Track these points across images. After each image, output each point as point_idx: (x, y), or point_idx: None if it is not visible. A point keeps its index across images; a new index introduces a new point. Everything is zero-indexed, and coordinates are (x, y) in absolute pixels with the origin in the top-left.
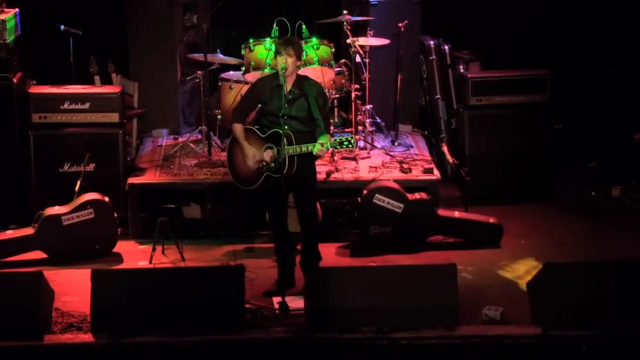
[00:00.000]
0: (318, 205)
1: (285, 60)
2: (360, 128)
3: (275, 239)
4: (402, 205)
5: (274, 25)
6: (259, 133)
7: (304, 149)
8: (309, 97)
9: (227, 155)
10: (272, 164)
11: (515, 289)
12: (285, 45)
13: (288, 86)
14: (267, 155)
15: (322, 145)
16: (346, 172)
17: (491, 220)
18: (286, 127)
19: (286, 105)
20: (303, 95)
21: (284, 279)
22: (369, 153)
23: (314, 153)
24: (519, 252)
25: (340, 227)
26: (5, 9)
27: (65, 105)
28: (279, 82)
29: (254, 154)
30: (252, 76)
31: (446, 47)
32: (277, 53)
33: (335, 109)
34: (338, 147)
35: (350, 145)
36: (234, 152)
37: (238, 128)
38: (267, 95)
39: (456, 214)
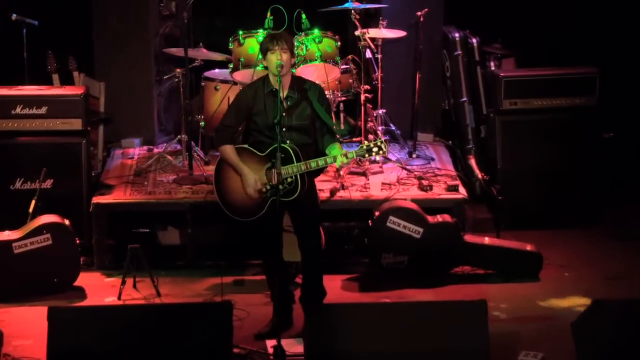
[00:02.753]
0: (320, 230)
1: (281, 57)
2: (371, 137)
3: (269, 270)
4: (421, 230)
5: (268, 14)
6: (256, 152)
7: (321, 162)
8: (313, 102)
9: (215, 183)
10: (280, 187)
11: (557, 330)
12: (277, 40)
13: (284, 90)
14: (272, 176)
15: (345, 156)
16: (354, 190)
17: (528, 247)
18: (287, 140)
19: (284, 114)
20: (304, 99)
21: (280, 318)
22: (381, 167)
23: (337, 166)
24: (562, 287)
25: (347, 256)
26: None
27: (17, 110)
28: (272, 87)
29: (256, 181)
30: (242, 75)
31: (474, 41)
32: (266, 51)
33: (341, 115)
34: (366, 155)
35: (381, 152)
36: (225, 179)
37: (229, 150)
38: (260, 105)
39: (486, 240)
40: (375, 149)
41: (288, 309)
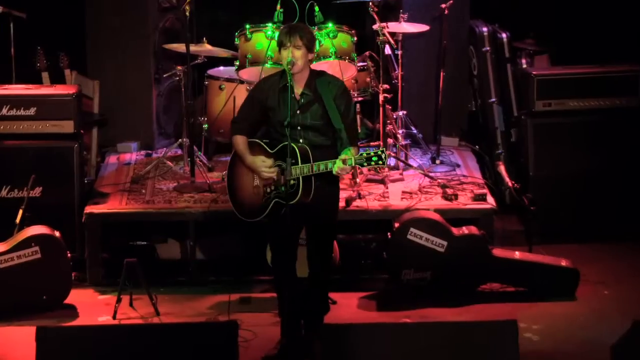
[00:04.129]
0: (334, 243)
1: (292, 54)
2: (390, 141)
3: (279, 286)
4: (445, 243)
5: (278, 6)
6: (266, 148)
7: (322, 167)
8: (326, 100)
9: (227, 177)
10: (282, 188)
11: (595, 354)
12: (291, 34)
13: (299, 87)
14: (277, 175)
15: (343, 162)
16: (372, 199)
17: (563, 263)
18: (301, 140)
19: (297, 111)
20: (318, 98)
21: (290, 340)
22: (401, 174)
23: (334, 172)
24: (601, 306)
25: (364, 271)
26: None
27: (4, 111)
28: (286, 82)
29: (263, 160)
30: (249, 73)
31: (504, 36)
32: (280, 45)
33: (358, 117)
34: (365, 164)
35: (380, 162)
36: (236, 173)
37: (240, 141)
38: (274, 100)
39: (517, 254)
40: (374, 159)
41: (298, 329)
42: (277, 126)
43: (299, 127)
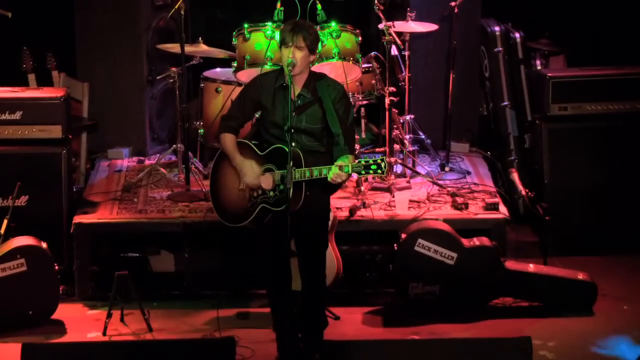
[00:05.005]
0: (338, 255)
1: (293, 54)
2: (396, 147)
3: (273, 300)
4: (455, 255)
5: (278, 4)
6: (256, 149)
7: (316, 173)
8: (325, 103)
9: (210, 178)
10: (271, 193)
11: None
12: (294, 33)
13: (297, 88)
14: (266, 180)
15: (340, 168)
16: (377, 209)
17: (580, 276)
18: (293, 143)
19: (293, 113)
20: (316, 100)
21: (288, 357)
22: (409, 182)
23: (329, 179)
24: (620, 322)
25: (369, 285)
26: None
27: None
28: (284, 81)
29: (251, 165)
30: (247, 75)
31: (517, 35)
32: (281, 43)
33: (362, 121)
34: (363, 172)
35: (379, 171)
36: (221, 173)
37: (228, 139)
38: (268, 99)
39: (531, 267)
40: (373, 167)
41: (297, 346)
42: (269, 127)
43: (292, 130)
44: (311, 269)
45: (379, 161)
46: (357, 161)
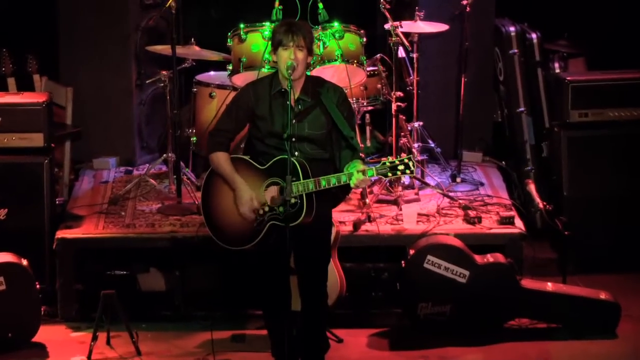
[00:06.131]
0: (341, 272)
1: (294, 56)
2: (403, 156)
3: (270, 323)
4: (467, 273)
5: (277, 3)
6: (255, 164)
7: (333, 181)
8: (329, 107)
9: (202, 201)
10: (281, 209)
11: None
12: (293, 33)
13: (295, 93)
14: (271, 195)
15: (362, 172)
16: (383, 223)
17: (602, 296)
18: (296, 153)
19: (293, 121)
20: (318, 105)
21: None
22: (417, 194)
23: (352, 185)
24: None
25: (375, 305)
26: None
27: None
28: (281, 87)
29: (252, 198)
30: (243, 79)
31: (534, 36)
32: (278, 45)
33: (367, 128)
34: (389, 174)
35: (408, 171)
36: (215, 195)
37: (222, 159)
38: (264, 108)
39: (549, 286)
40: (401, 167)
41: None
42: (266, 138)
43: (293, 139)
44: (312, 287)
45: (406, 160)
46: (381, 163)
